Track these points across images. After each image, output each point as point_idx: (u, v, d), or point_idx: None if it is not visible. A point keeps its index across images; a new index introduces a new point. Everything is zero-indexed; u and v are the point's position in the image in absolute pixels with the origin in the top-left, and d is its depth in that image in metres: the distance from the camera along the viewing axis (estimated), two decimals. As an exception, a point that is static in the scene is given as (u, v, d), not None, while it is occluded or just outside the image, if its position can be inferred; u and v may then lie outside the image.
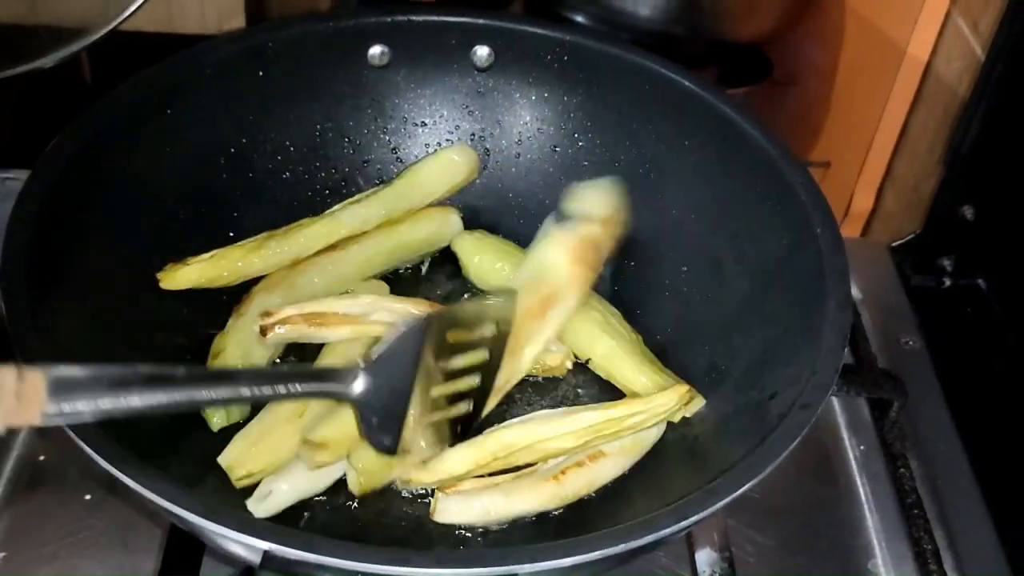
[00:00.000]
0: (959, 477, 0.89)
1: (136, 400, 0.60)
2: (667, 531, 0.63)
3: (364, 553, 0.60)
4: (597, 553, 0.61)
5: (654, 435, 0.81)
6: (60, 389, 0.57)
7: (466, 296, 0.93)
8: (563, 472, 0.77)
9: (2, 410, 0.55)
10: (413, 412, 0.72)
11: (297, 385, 0.69)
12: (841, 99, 1.19)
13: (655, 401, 0.79)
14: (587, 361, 0.87)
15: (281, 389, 0.68)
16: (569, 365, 0.87)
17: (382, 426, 0.72)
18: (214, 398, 0.67)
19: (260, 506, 0.75)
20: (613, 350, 0.86)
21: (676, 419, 0.82)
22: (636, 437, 0.80)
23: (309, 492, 0.77)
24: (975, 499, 0.87)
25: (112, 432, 0.64)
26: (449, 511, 0.75)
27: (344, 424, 0.75)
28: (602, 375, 0.87)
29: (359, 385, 0.71)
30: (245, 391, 0.67)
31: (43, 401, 0.56)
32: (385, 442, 0.73)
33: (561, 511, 0.77)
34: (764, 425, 0.71)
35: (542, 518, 0.77)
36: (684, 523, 0.63)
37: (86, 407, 0.58)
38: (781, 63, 1.22)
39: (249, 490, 0.76)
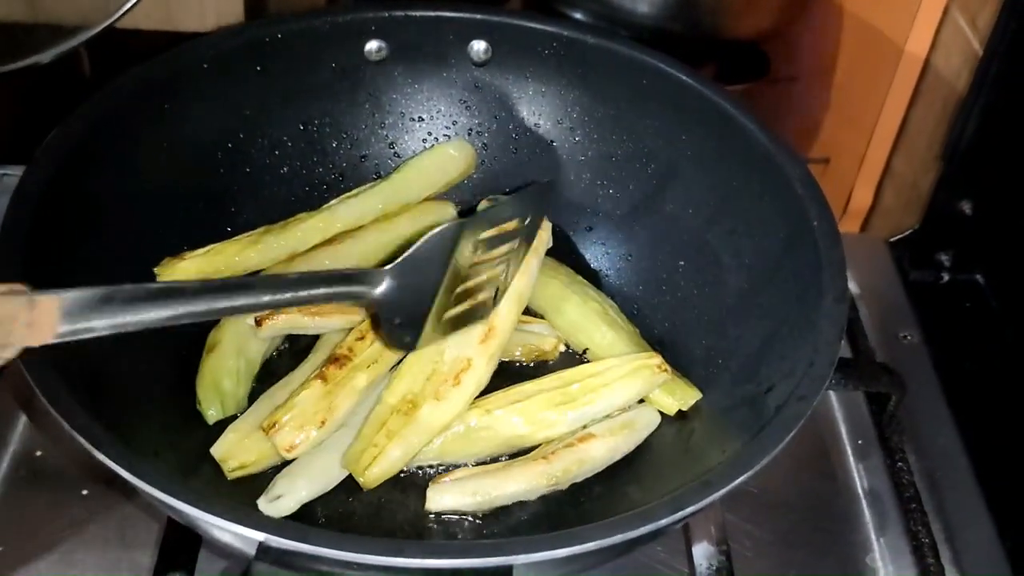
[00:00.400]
0: (957, 471, 0.89)
1: (151, 314, 0.60)
2: (663, 522, 0.63)
3: (359, 544, 0.60)
4: (592, 544, 0.61)
5: (646, 421, 0.81)
6: (73, 310, 0.57)
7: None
8: (552, 453, 0.77)
9: (14, 337, 0.55)
10: (435, 309, 0.74)
11: (320, 288, 0.69)
12: (840, 96, 1.18)
13: (628, 359, 0.81)
14: (584, 351, 0.88)
15: (303, 293, 0.68)
16: (562, 348, 0.88)
17: (403, 325, 0.73)
18: (234, 306, 0.65)
19: (271, 506, 0.74)
20: (611, 340, 0.86)
21: (672, 412, 0.82)
22: (625, 420, 0.80)
23: (321, 490, 0.77)
24: (973, 493, 0.87)
25: (108, 425, 0.64)
26: (442, 499, 0.75)
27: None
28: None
29: (382, 287, 0.71)
30: (265, 298, 0.66)
31: (56, 323, 0.56)
32: (406, 340, 0.74)
33: (559, 505, 0.77)
34: (761, 418, 0.72)
35: (539, 512, 0.77)
36: (680, 514, 0.63)
37: (100, 323, 0.58)
38: (779, 61, 1.22)
39: (242, 481, 0.76)
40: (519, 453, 0.80)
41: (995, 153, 1.01)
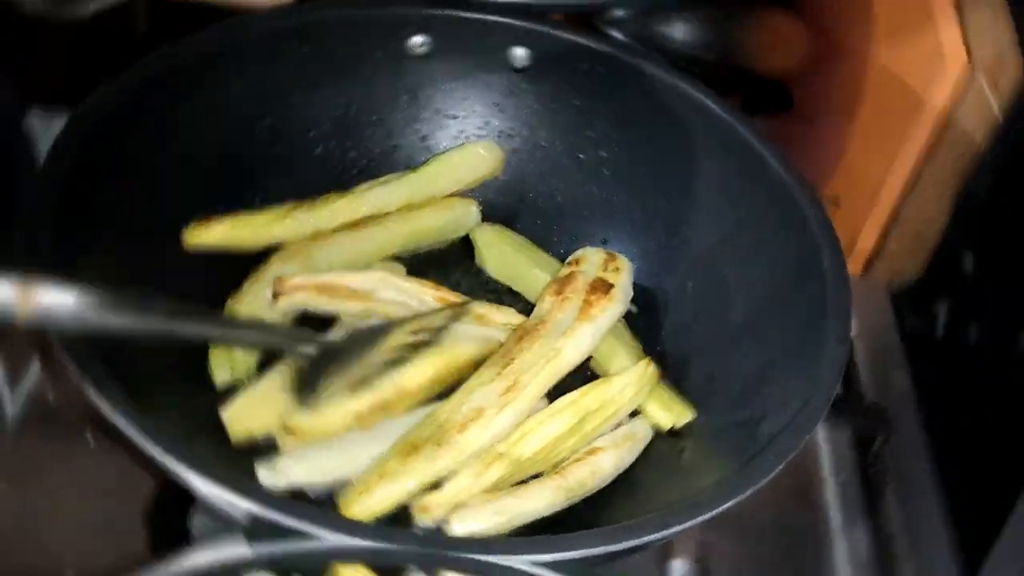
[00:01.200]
0: (932, 519, 0.89)
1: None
2: (650, 538, 0.64)
3: (349, 526, 0.62)
4: (576, 552, 0.62)
5: (643, 433, 0.83)
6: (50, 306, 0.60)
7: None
8: (565, 468, 0.78)
9: None
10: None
11: (263, 335, 0.80)
12: (855, 139, 1.19)
13: (631, 371, 0.82)
14: (588, 359, 0.88)
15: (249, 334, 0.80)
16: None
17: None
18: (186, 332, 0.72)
19: (268, 475, 0.75)
20: (612, 350, 0.87)
21: (665, 428, 0.84)
22: (627, 432, 0.81)
23: (319, 482, 0.77)
24: (947, 540, 0.88)
25: (117, 376, 0.65)
26: (467, 523, 0.73)
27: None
28: (600, 373, 0.88)
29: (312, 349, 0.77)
30: (216, 332, 0.78)
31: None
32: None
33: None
34: (752, 445, 0.73)
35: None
36: (665, 532, 0.64)
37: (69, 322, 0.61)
38: (800, 97, 1.23)
39: (243, 448, 0.78)
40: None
41: (1005, 215, 1.02)
